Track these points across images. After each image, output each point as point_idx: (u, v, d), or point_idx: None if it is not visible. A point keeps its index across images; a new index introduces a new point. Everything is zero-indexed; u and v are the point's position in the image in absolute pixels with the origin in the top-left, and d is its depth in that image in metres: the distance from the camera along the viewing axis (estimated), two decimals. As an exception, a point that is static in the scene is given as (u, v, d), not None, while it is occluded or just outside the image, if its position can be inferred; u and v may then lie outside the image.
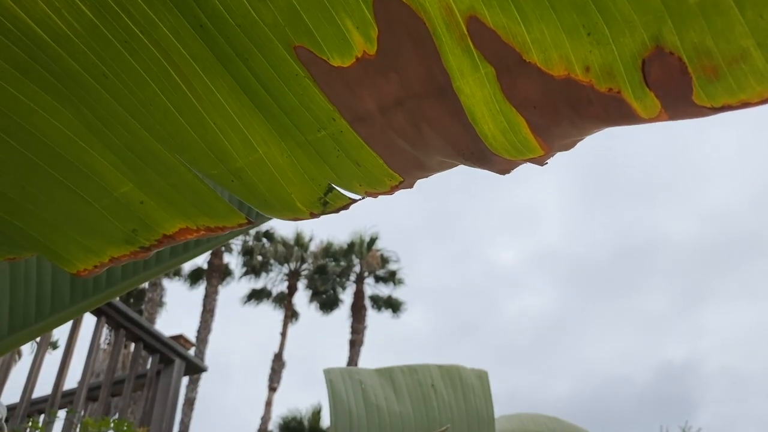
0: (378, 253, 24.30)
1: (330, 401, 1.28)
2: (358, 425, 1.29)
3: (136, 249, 0.72)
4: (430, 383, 1.40)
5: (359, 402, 1.34)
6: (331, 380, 1.33)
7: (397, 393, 1.38)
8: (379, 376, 1.37)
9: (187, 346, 4.03)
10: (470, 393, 1.44)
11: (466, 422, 1.41)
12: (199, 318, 20.14)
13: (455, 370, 1.47)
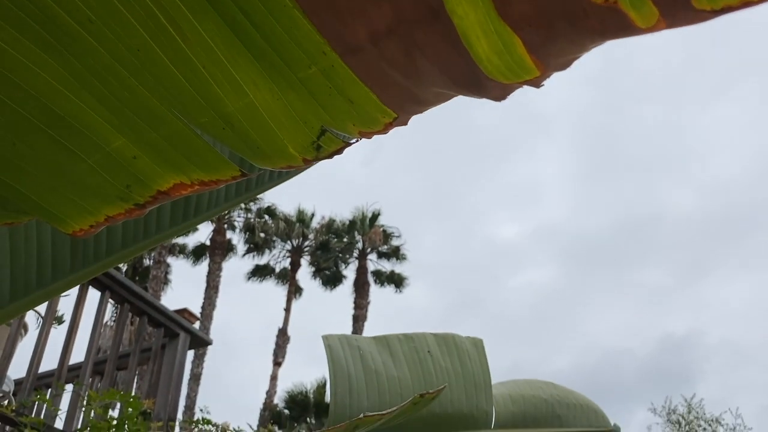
0: (380, 229, 24.35)
1: (329, 366, 1.30)
2: (357, 389, 1.30)
3: (130, 206, 0.72)
4: (426, 350, 1.42)
5: (358, 367, 1.35)
6: (329, 346, 1.34)
7: (394, 359, 1.39)
8: (377, 343, 1.38)
9: (192, 320, 4.05)
10: (466, 359, 1.45)
11: (464, 387, 1.42)
12: (203, 294, 20.28)
13: (451, 337, 1.48)
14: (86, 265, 1.18)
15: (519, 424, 1.44)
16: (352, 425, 1.00)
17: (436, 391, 1.07)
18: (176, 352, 3.77)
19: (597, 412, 1.55)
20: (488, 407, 1.39)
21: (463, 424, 1.38)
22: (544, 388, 1.51)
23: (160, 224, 1.25)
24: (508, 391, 1.47)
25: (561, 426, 1.48)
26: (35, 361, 3.17)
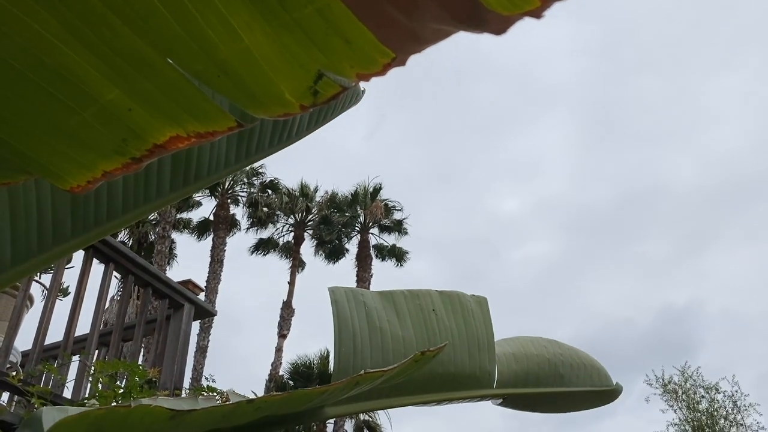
0: (382, 203, 24.34)
1: (334, 323, 1.30)
2: (361, 348, 1.30)
3: (127, 160, 0.71)
4: (431, 308, 1.42)
5: (363, 325, 1.35)
6: (336, 300, 1.34)
7: (399, 317, 1.39)
8: (382, 299, 1.38)
9: (196, 291, 4.07)
10: (470, 318, 1.45)
11: (467, 347, 1.42)
12: (208, 268, 20.39)
13: (456, 296, 1.48)
14: (87, 230, 1.18)
15: (521, 383, 1.44)
16: (354, 381, 1.00)
17: (437, 349, 1.07)
18: (181, 323, 3.80)
19: (600, 372, 1.55)
20: (491, 367, 1.40)
21: (466, 383, 1.38)
22: (548, 346, 1.51)
23: (160, 189, 1.25)
24: (512, 350, 1.47)
25: (563, 385, 1.48)
26: (41, 333, 3.19)
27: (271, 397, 0.88)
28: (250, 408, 0.88)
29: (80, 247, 1.19)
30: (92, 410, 0.83)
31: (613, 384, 1.55)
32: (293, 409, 1.02)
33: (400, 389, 1.33)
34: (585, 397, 1.55)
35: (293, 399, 0.94)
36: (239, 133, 1.29)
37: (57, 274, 3.30)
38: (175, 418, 0.88)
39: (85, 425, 0.84)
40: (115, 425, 0.87)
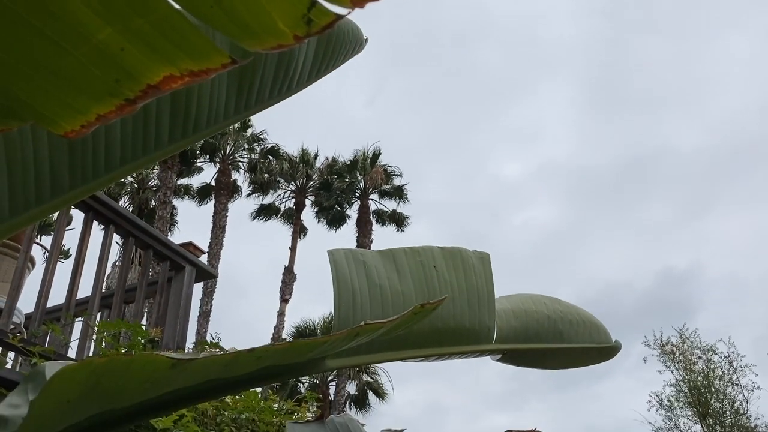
0: (381, 168, 24.28)
1: (333, 281, 1.30)
2: (361, 303, 1.30)
3: (121, 102, 0.70)
4: (432, 264, 1.41)
5: (362, 282, 1.35)
6: (335, 260, 1.34)
7: (399, 273, 1.39)
8: (382, 257, 1.38)
9: (197, 254, 4.08)
10: (471, 273, 1.45)
11: (467, 301, 1.42)
12: (210, 234, 20.46)
13: (457, 251, 1.48)
14: (85, 181, 1.17)
15: (520, 339, 1.45)
16: (354, 332, 1.00)
17: (436, 302, 1.07)
18: (182, 285, 3.81)
19: (599, 329, 1.56)
20: (490, 322, 1.40)
21: (465, 338, 1.39)
22: (548, 303, 1.51)
23: (158, 140, 1.23)
24: (511, 306, 1.47)
25: (562, 341, 1.49)
26: (43, 294, 3.21)
27: (272, 347, 0.88)
28: (251, 357, 0.88)
29: (79, 198, 1.18)
30: (94, 359, 0.84)
31: (612, 341, 1.56)
32: (294, 359, 1.02)
33: (400, 343, 1.34)
34: (584, 354, 1.56)
35: (294, 349, 0.94)
36: (238, 83, 1.27)
37: (57, 236, 3.30)
38: (176, 366, 0.88)
39: (86, 373, 0.84)
40: (117, 374, 0.87)
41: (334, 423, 1.45)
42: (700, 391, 16.58)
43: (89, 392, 0.85)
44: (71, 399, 0.85)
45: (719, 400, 16.55)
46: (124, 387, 0.88)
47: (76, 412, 0.90)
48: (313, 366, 1.23)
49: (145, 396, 0.94)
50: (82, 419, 0.95)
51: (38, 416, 0.86)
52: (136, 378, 0.86)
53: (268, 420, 2.71)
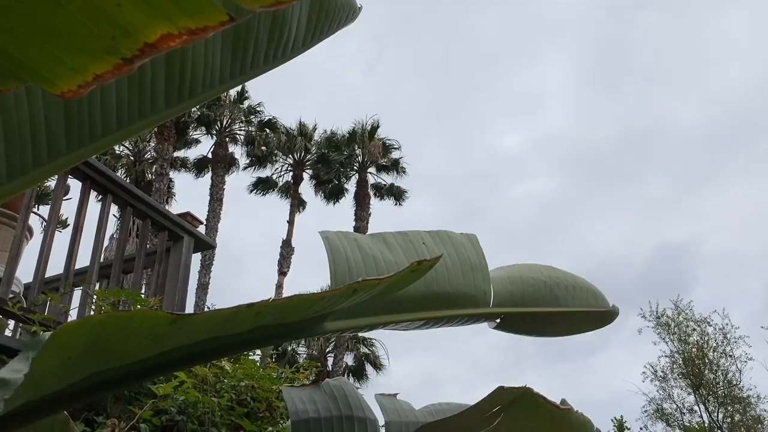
0: (380, 141, 24.18)
1: (328, 253, 1.32)
2: (356, 271, 1.32)
3: (118, 60, 0.70)
4: (421, 242, 1.44)
5: (356, 253, 1.37)
6: (327, 238, 1.36)
7: (390, 248, 1.41)
8: (372, 238, 1.41)
9: (195, 224, 4.09)
10: (461, 248, 1.47)
11: (460, 269, 1.44)
12: (207, 207, 20.46)
13: (444, 233, 1.50)
14: (82, 145, 1.17)
15: (517, 304, 1.47)
16: (352, 288, 1.02)
17: (433, 259, 1.08)
18: (181, 255, 3.83)
19: (596, 294, 1.57)
20: (486, 287, 1.42)
21: (462, 301, 1.41)
22: (544, 270, 1.53)
23: (154, 104, 1.23)
24: (507, 274, 1.49)
25: (559, 306, 1.51)
26: (41, 264, 3.22)
27: (271, 302, 0.90)
28: (250, 313, 0.90)
29: (76, 162, 1.19)
30: (93, 315, 0.85)
31: (609, 305, 1.57)
32: (293, 317, 1.04)
33: (398, 306, 1.36)
34: (582, 318, 1.58)
35: (292, 304, 0.96)
36: (233, 47, 1.27)
37: (55, 205, 3.30)
38: (176, 321, 0.90)
39: (87, 330, 0.86)
40: (117, 330, 0.88)
41: (329, 386, 1.48)
42: (694, 363, 16.80)
43: (90, 349, 0.87)
44: (72, 356, 0.87)
45: (713, 371, 16.79)
46: (124, 343, 0.89)
47: (77, 369, 0.92)
48: (312, 328, 1.24)
49: (145, 353, 0.95)
50: (83, 377, 0.97)
51: (40, 374, 0.87)
52: (136, 334, 0.88)
53: (267, 387, 2.75)
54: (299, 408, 1.35)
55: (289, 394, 1.41)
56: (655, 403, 17.54)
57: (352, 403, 1.40)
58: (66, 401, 1.03)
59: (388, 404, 1.41)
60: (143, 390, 2.56)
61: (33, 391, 0.91)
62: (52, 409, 1.01)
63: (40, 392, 0.93)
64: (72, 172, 3.41)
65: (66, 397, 1.01)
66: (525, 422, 1.05)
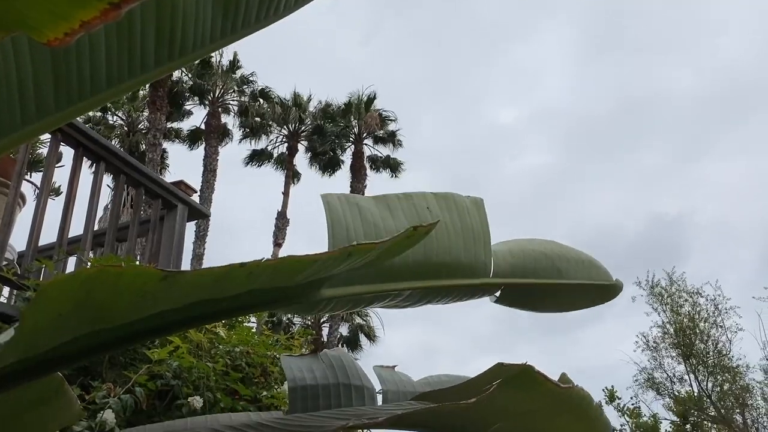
0: (376, 113, 24.01)
1: (327, 220, 1.30)
2: (355, 239, 1.31)
3: (105, 6, 0.68)
4: (425, 206, 1.41)
5: (356, 220, 1.35)
6: (328, 202, 1.34)
7: (392, 214, 1.39)
8: (375, 201, 1.38)
9: (189, 192, 4.07)
10: (465, 215, 1.44)
11: (462, 238, 1.42)
12: (201, 178, 20.37)
13: (450, 196, 1.48)
14: (71, 103, 1.15)
15: (518, 275, 1.45)
16: (347, 252, 1.01)
17: (429, 225, 1.07)
18: (175, 223, 3.81)
19: (599, 268, 1.54)
20: (486, 258, 1.40)
21: (461, 272, 1.39)
22: (546, 244, 1.51)
23: (144, 63, 1.21)
24: (507, 247, 1.47)
25: (561, 278, 1.48)
26: (35, 230, 3.20)
27: (264, 262, 0.88)
28: (242, 272, 0.88)
29: (66, 120, 1.17)
30: (83, 270, 0.84)
31: (612, 279, 1.55)
32: (285, 279, 1.03)
33: (395, 274, 1.34)
34: (584, 292, 1.55)
35: (285, 266, 0.94)
36: (224, 5, 1.24)
37: (47, 172, 3.27)
38: (167, 278, 0.89)
39: (78, 284, 0.85)
40: (108, 286, 0.87)
41: (327, 356, 1.47)
42: (686, 333, 17.00)
43: (81, 305, 0.86)
44: (63, 312, 0.86)
45: (703, 341, 17.00)
46: (115, 300, 0.88)
47: (68, 326, 0.91)
48: (307, 293, 1.23)
49: (137, 312, 0.94)
50: (76, 337, 0.96)
51: (31, 330, 0.86)
52: (127, 290, 0.86)
53: (262, 352, 2.76)
54: (297, 376, 1.34)
55: (288, 363, 1.40)
56: (646, 372, 17.80)
57: (349, 373, 1.39)
58: (59, 362, 1.02)
59: (386, 375, 1.41)
60: (138, 356, 2.56)
61: (25, 348, 0.90)
62: (45, 370, 1.00)
63: (32, 350, 0.92)
64: (64, 139, 3.38)
65: (59, 357, 1.01)
66: (523, 398, 1.04)
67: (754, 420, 16.40)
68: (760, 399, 16.47)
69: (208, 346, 2.57)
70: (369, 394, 1.24)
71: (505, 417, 1.05)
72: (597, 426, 1.13)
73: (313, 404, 1.18)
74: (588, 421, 1.09)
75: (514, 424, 1.09)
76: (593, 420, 1.10)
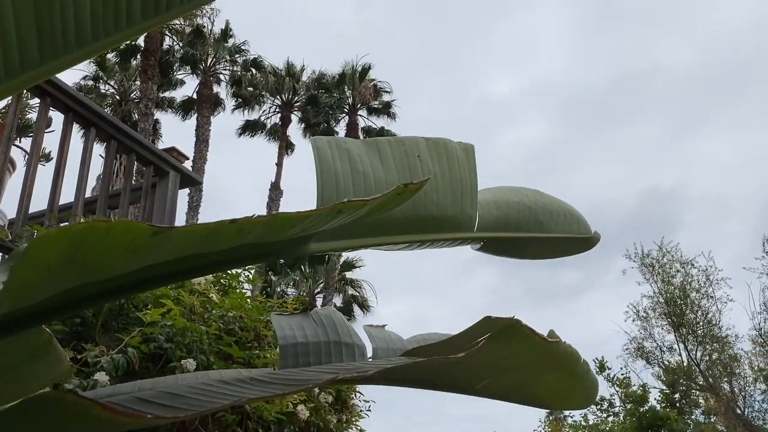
0: (370, 83, 23.81)
1: (316, 167, 1.29)
2: (344, 189, 1.30)
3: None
4: (416, 154, 1.40)
5: (346, 169, 1.34)
6: (318, 147, 1.33)
7: (383, 162, 1.38)
8: (366, 146, 1.36)
9: (181, 159, 4.04)
10: (455, 163, 1.44)
11: (450, 191, 1.43)
12: (194, 149, 20.24)
13: (442, 142, 1.47)
14: (56, 56, 1.13)
15: (501, 228, 1.46)
16: (337, 208, 1.00)
17: (419, 182, 1.06)
18: (167, 190, 3.79)
19: (580, 221, 1.57)
20: (472, 211, 1.41)
21: (447, 225, 1.40)
22: (530, 195, 1.52)
23: (130, 17, 1.19)
24: (494, 197, 1.48)
25: (542, 231, 1.51)
26: (25, 197, 3.18)
27: (255, 219, 0.88)
28: (233, 228, 0.88)
29: (51, 74, 1.15)
30: (73, 225, 0.83)
31: (591, 232, 1.58)
32: (276, 235, 1.02)
33: (384, 228, 1.34)
34: (563, 244, 1.58)
35: (276, 222, 0.94)
36: (213, -43, 1.22)
37: (37, 137, 3.24)
38: (157, 234, 0.88)
39: (66, 240, 0.84)
40: (97, 241, 0.86)
41: (318, 314, 1.48)
42: (676, 303, 17.18)
43: (69, 260, 0.85)
44: (52, 266, 0.85)
45: (693, 311, 17.19)
46: (104, 255, 0.87)
47: (57, 280, 0.90)
48: (297, 248, 1.23)
49: (126, 267, 0.94)
50: (66, 289, 0.95)
51: (19, 284, 0.86)
52: (116, 246, 0.86)
53: (255, 317, 2.77)
54: (288, 333, 1.35)
55: (279, 321, 1.41)
56: (636, 341, 18.02)
57: (340, 331, 1.40)
58: (48, 314, 1.02)
59: (376, 333, 1.42)
60: (131, 320, 2.57)
61: (13, 301, 0.90)
62: (34, 322, 1.00)
63: (21, 303, 0.92)
64: (54, 103, 3.33)
65: (48, 309, 1.01)
66: (511, 352, 1.05)
67: (741, 388, 16.70)
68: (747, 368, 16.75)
69: (200, 310, 2.57)
70: (359, 352, 1.25)
71: (494, 372, 1.06)
72: (585, 383, 1.14)
73: (303, 361, 1.19)
74: (575, 377, 1.10)
75: (503, 379, 1.10)
76: (581, 376, 1.11)
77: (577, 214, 1.58)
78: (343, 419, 3.15)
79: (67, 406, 0.82)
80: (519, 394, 1.10)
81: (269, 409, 2.47)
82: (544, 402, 1.14)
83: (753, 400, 16.59)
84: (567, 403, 1.15)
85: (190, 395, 0.94)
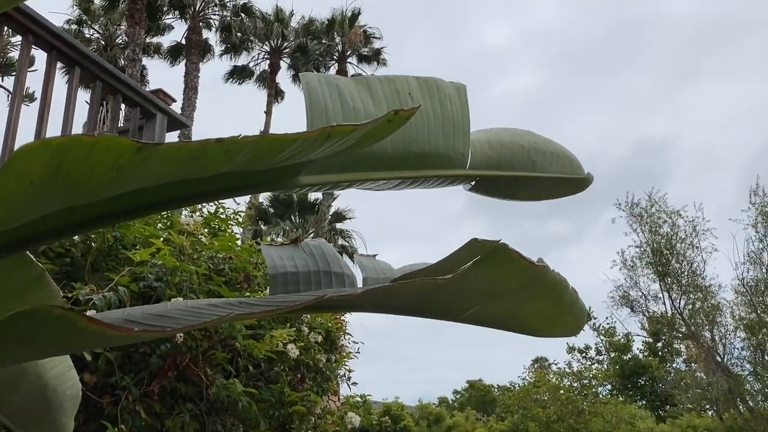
0: (360, 29, 23.35)
1: (306, 102, 1.26)
2: (335, 121, 1.28)
3: None
4: (407, 92, 1.38)
5: (336, 104, 1.32)
6: (307, 82, 1.30)
7: (374, 99, 1.36)
8: (356, 83, 1.34)
9: (168, 101, 3.96)
10: (447, 102, 1.42)
11: (442, 128, 1.41)
12: (182, 95, 19.91)
13: (433, 81, 1.44)
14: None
15: (493, 167, 1.45)
16: (326, 132, 0.98)
17: (410, 109, 1.04)
18: (154, 134, 3.74)
19: (572, 161, 1.57)
20: (465, 150, 1.40)
21: (439, 163, 1.39)
22: (523, 135, 1.51)
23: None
24: (486, 137, 1.47)
25: (535, 171, 1.50)
26: (9, 138, 3.12)
27: (242, 138, 0.86)
28: (219, 148, 0.86)
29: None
30: (55, 138, 0.81)
31: (584, 173, 1.58)
32: (265, 161, 1.01)
33: (374, 162, 1.33)
34: (556, 184, 1.58)
35: (264, 143, 0.92)
36: None
37: (20, 75, 3.16)
38: (141, 151, 0.86)
39: (48, 153, 0.82)
40: (80, 156, 0.84)
41: (308, 246, 1.48)
42: (662, 253, 17.36)
43: (52, 175, 0.83)
44: (34, 181, 0.84)
45: (679, 261, 17.40)
46: (88, 173, 0.86)
47: (40, 198, 0.89)
48: (287, 178, 1.22)
49: (111, 187, 0.92)
50: (49, 213, 0.94)
51: (1, 197, 0.84)
52: (100, 162, 0.84)
53: (244, 258, 2.77)
54: (277, 263, 1.35)
55: (268, 251, 1.41)
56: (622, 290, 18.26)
57: (330, 261, 1.40)
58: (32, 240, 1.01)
59: (366, 263, 1.42)
60: (121, 261, 2.56)
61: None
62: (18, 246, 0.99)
63: (3, 224, 0.90)
64: (37, 41, 3.24)
65: (32, 235, 0.99)
66: (498, 276, 1.05)
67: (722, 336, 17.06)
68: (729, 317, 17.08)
69: (190, 251, 2.57)
70: (349, 281, 1.26)
71: (483, 298, 1.07)
72: (573, 310, 1.15)
73: (293, 289, 1.19)
74: (564, 303, 1.11)
75: (492, 306, 1.11)
76: (569, 303, 1.12)
77: (570, 155, 1.57)
78: (333, 359, 3.19)
79: (54, 319, 0.81)
80: (508, 320, 1.11)
81: (259, 347, 2.50)
82: (533, 328, 1.15)
83: (733, 347, 16.98)
84: (556, 329, 1.16)
85: (179, 316, 0.94)
